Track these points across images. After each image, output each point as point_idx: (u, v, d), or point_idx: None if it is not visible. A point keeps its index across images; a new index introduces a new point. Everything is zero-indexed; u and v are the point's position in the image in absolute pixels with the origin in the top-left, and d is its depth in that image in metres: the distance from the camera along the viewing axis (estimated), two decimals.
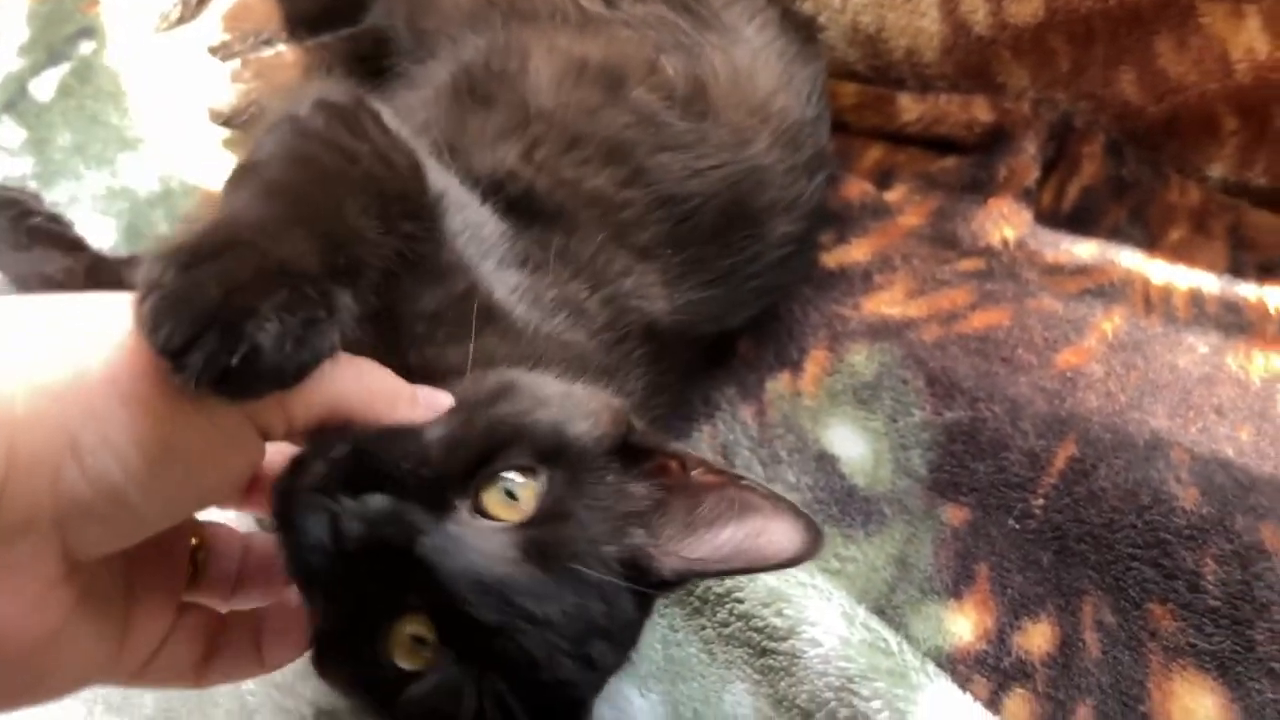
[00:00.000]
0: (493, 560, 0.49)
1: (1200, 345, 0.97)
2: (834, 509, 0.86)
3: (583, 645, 0.52)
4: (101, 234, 1.00)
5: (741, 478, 0.58)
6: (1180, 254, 1.06)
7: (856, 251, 1.04)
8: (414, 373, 0.54)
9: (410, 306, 0.62)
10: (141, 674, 0.48)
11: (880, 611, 0.78)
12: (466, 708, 0.50)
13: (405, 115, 0.87)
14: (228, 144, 1.09)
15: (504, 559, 0.49)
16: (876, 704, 0.70)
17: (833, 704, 0.72)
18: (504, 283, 0.70)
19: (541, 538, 0.51)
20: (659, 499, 0.58)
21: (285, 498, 0.48)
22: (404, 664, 0.50)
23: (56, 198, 1.03)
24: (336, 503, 0.47)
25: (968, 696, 0.71)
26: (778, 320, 0.97)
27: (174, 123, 1.10)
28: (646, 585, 0.56)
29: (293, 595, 0.52)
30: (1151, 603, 0.80)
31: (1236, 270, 1.04)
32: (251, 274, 0.43)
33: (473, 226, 0.70)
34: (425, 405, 0.51)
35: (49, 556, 0.39)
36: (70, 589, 0.41)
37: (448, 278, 0.65)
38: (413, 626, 0.50)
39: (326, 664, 0.52)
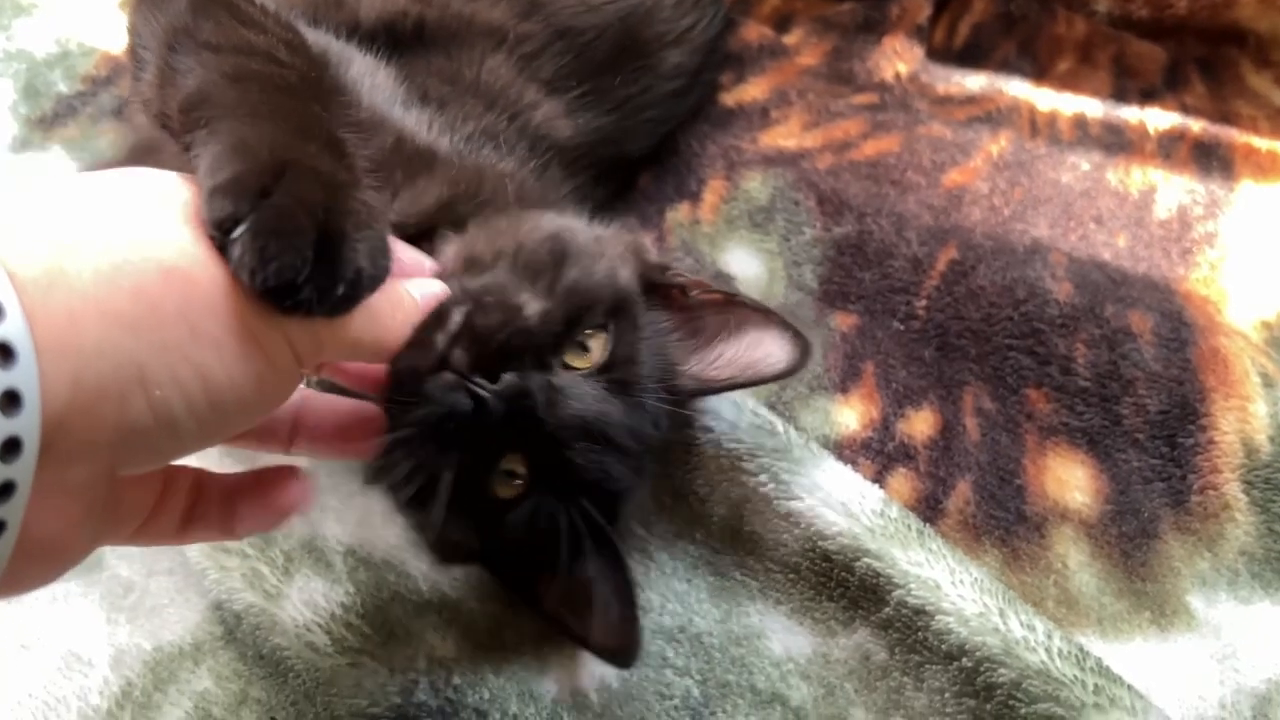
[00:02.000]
0: (591, 403, 0.59)
1: (1083, 163, 1.01)
2: None
3: (641, 459, 0.64)
4: None
5: (736, 295, 0.68)
6: (1066, 83, 1.09)
7: (754, 90, 1.06)
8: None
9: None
10: (131, 538, 0.49)
11: (770, 407, 0.81)
12: (562, 524, 0.60)
13: None
14: (123, 4, 1.09)
15: (598, 399, 0.59)
16: (763, 478, 0.74)
17: (725, 486, 0.76)
18: (419, 122, 0.71)
19: (619, 378, 0.61)
20: (671, 322, 0.68)
21: (415, 376, 0.54)
22: (504, 494, 0.60)
23: None
24: (475, 384, 0.54)
25: (848, 467, 0.75)
26: (676, 155, 1.00)
27: None
28: (675, 403, 0.66)
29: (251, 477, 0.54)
30: (1027, 388, 0.84)
31: (1119, 96, 1.08)
32: (321, 194, 0.43)
33: (367, 76, 0.71)
34: (424, 301, 0.54)
35: (98, 480, 0.39)
36: (102, 504, 0.41)
37: (371, 134, 0.64)
38: (509, 464, 0.60)
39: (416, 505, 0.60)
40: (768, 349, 0.67)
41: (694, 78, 0.98)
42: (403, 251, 0.57)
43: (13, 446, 0.34)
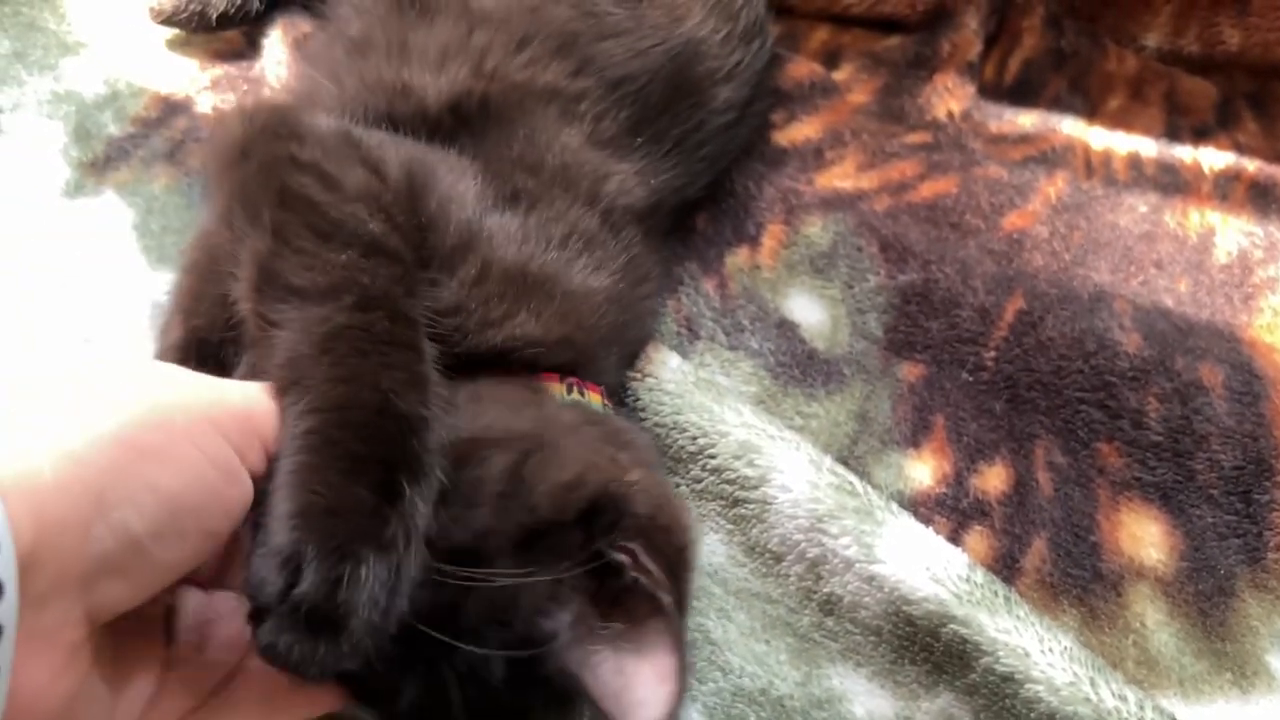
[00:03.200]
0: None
1: (1140, 205, 1.01)
2: (795, 371, 0.89)
3: None
4: (50, 137, 0.99)
5: (666, 611, 0.56)
6: (1119, 121, 1.09)
7: (807, 129, 1.06)
8: (461, 366, 0.59)
9: (433, 306, 0.62)
10: None
11: (844, 462, 0.81)
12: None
13: (341, 27, 0.90)
14: (171, 44, 1.08)
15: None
16: (845, 540, 0.73)
17: (802, 545, 0.75)
18: (507, 234, 0.70)
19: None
20: (591, 592, 0.58)
21: None
22: None
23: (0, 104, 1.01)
24: None
25: (929, 529, 0.74)
26: (733, 197, 0.99)
27: (114, 25, 1.08)
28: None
29: None
30: (1099, 442, 0.84)
31: (1172, 134, 1.08)
32: (334, 578, 0.46)
33: (451, 189, 0.70)
34: None
35: (75, 620, 0.40)
36: (86, 655, 0.42)
37: (457, 264, 0.65)
38: None
39: None
40: (650, 694, 0.55)
41: (744, 110, 0.98)
42: None
43: None
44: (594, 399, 0.70)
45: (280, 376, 0.53)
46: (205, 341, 0.77)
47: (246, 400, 0.49)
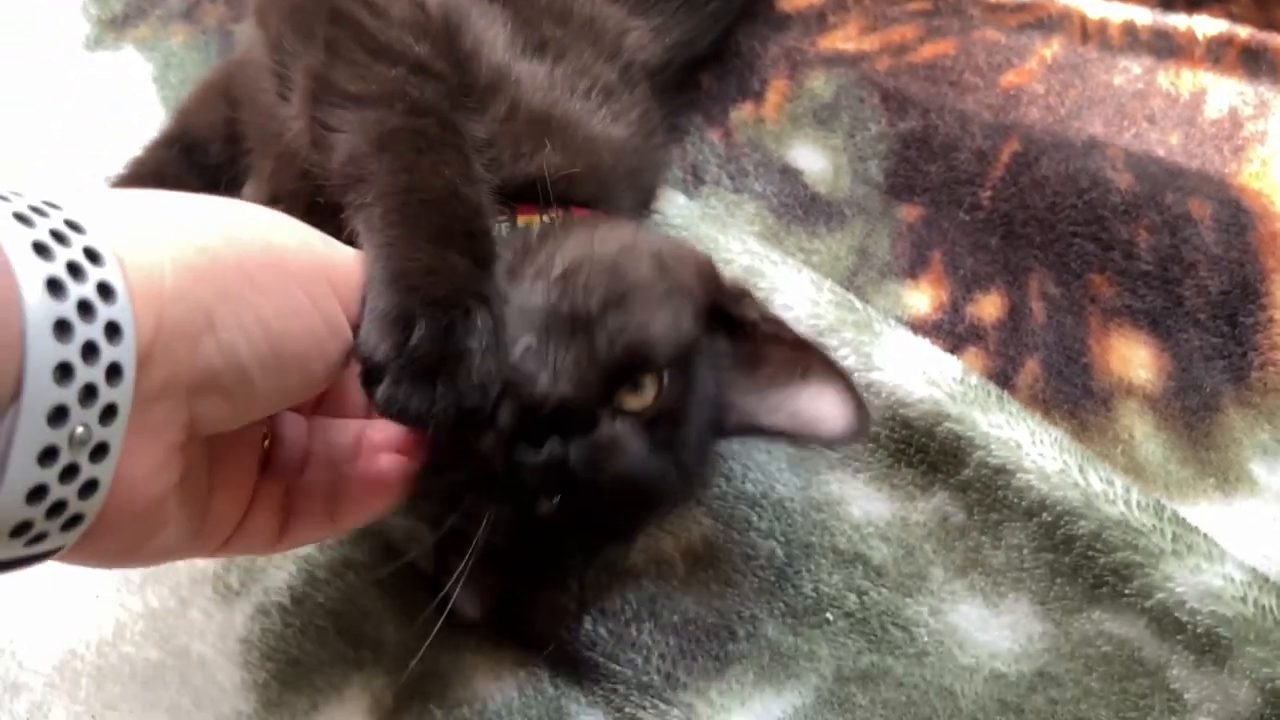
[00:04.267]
0: (632, 463, 0.59)
1: (1134, 67, 1.03)
2: (798, 211, 0.92)
3: (663, 505, 0.68)
4: None
5: (811, 343, 0.67)
6: None
7: None
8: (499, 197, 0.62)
9: (474, 132, 0.65)
10: (222, 549, 0.52)
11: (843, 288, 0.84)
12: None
13: None
14: None
15: (640, 458, 0.60)
16: (844, 351, 0.76)
17: None
18: (536, 81, 0.72)
19: (663, 436, 0.61)
20: (734, 352, 0.67)
21: (462, 425, 0.52)
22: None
23: None
24: (515, 450, 0.57)
25: (923, 339, 0.77)
26: (738, 57, 1.02)
27: None
28: (716, 437, 0.68)
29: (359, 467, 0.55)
30: (1091, 273, 0.87)
31: (1167, 4, 1.10)
32: (446, 325, 0.49)
33: (483, 33, 0.72)
34: None
35: (177, 423, 0.41)
36: (182, 462, 0.43)
37: (490, 99, 0.68)
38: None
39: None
40: (829, 409, 0.64)
41: None
42: None
43: (115, 372, 0.37)
44: None
45: (344, 174, 0.56)
46: (197, 145, 0.80)
47: (355, 260, 0.50)
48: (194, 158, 0.79)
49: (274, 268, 0.44)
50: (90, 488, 0.38)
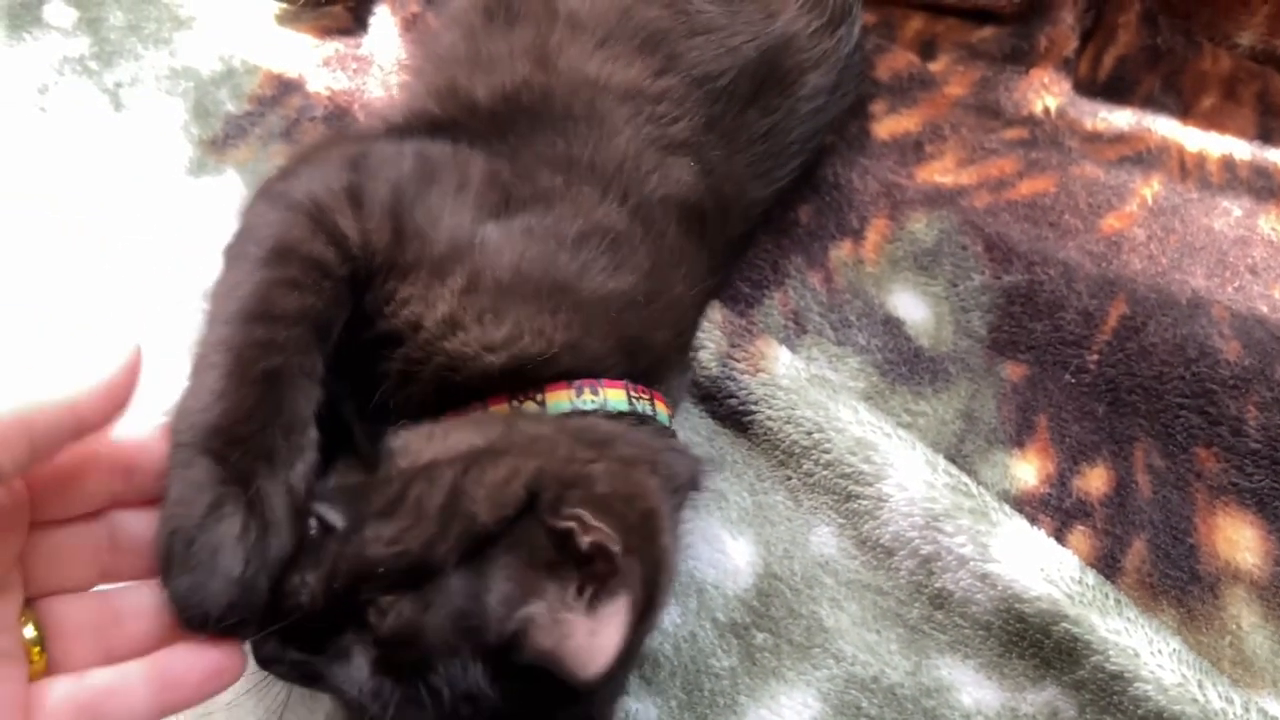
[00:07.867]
0: (352, 688, 0.56)
1: (1234, 209, 1.03)
2: (903, 369, 0.91)
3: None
4: (170, 114, 1.01)
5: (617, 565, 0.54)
6: (1212, 121, 1.10)
7: (906, 121, 1.07)
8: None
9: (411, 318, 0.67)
10: None
11: (952, 460, 0.84)
12: None
13: (430, 42, 0.94)
14: (280, 19, 1.09)
15: (360, 684, 0.55)
16: (960, 539, 0.77)
17: (916, 541, 0.79)
18: (505, 242, 0.69)
19: (394, 659, 0.55)
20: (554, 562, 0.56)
21: None
22: None
23: (119, 78, 1.03)
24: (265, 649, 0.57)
25: (1039, 530, 0.78)
26: (837, 190, 1.01)
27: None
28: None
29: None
30: (1197, 447, 0.87)
31: (1265, 137, 1.09)
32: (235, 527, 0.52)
33: (450, 196, 0.70)
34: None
35: None
36: None
37: (445, 273, 0.67)
38: None
39: None
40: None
41: (831, 93, 0.97)
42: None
43: None
44: (612, 396, 0.68)
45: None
46: None
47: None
48: None
49: None
50: None
